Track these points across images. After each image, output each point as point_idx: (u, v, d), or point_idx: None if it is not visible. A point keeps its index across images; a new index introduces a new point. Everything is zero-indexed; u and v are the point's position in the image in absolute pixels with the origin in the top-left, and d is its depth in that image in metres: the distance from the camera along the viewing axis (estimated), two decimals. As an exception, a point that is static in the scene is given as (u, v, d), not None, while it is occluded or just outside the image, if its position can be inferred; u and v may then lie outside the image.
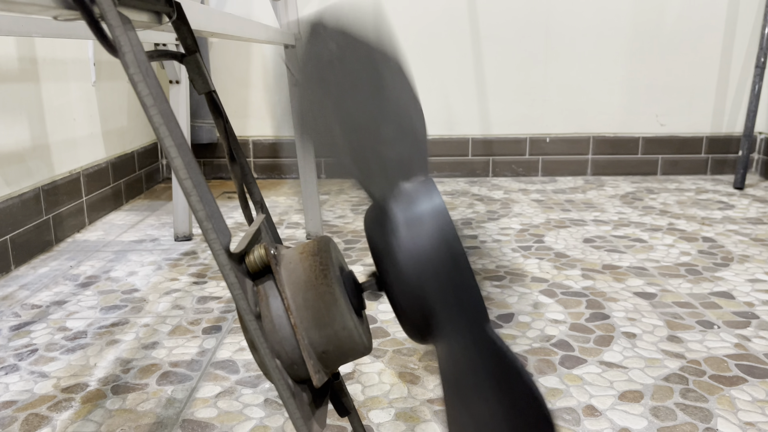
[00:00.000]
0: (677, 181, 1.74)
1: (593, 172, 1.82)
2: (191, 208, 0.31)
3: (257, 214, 0.41)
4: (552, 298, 0.90)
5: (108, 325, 0.83)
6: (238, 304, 0.33)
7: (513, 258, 1.08)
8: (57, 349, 0.76)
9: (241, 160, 0.40)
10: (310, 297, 0.35)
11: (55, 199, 1.18)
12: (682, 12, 1.73)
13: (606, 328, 0.80)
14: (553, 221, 1.32)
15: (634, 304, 0.88)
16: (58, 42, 1.23)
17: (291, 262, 0.37)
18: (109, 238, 1.22)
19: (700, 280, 0.97)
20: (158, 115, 0.30)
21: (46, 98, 1.18)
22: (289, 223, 1.32)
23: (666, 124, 1.81)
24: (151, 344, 0.77)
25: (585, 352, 0.74)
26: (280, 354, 0.35)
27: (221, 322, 0.83)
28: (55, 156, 1.20)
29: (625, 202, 1.49)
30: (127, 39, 0.29)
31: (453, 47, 1.75)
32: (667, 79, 1.78)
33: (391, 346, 0.76)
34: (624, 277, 0.98)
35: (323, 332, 0.35)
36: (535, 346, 0.75)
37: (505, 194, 1.59)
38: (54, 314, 0.86)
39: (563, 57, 1.76)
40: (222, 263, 0.32)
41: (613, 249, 1.13)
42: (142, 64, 0.30)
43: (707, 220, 1.32)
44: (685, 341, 0.76)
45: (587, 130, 1.81)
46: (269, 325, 0.35)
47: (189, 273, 1.02)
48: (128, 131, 1.56)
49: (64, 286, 0.97)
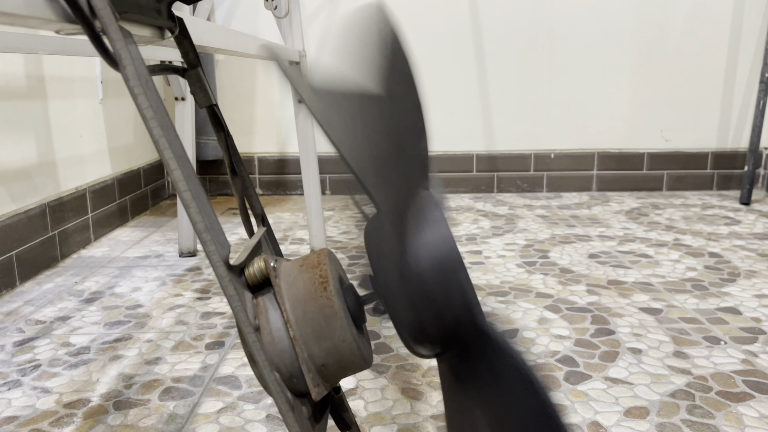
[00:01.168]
0: (683, 197, 1.73)
1: (598, 187, 1.82)
2: (190, 220, 0.31)
3: (258, 228, 0.41)
4: (557, 314, 0.89)
5: (111, 341, 0.83)
6: (237, 316, 0.33)
7: (518, 273, 1.08)
8: (60, 364, 0.76)
9: (242, 173, 0.40)
10: (310, 310, 0.35)
11: (61, 215, 1.19)
12: (685, 27, 1.74)
13: (611, 343, 0.80)
14: (558, 237, 1.32)
15: (640, 320, 0.87)
16: (66, 60, 1.25)
17: (291, 275, 0.36)
18: (114, 254, 1.22)
19: (706, 296, 0.96)
20: (158, 127, 0.30)
21: (53, 115, 1.19)
22: (294, 239, 1.32)
23: (671, 140, 1.80)
24: (154, 360, 0.77)
25: (590, 367, 0.73)
26: (279, 367, 0.35)
27: (224, 338, 0.83)
28: (61, 172, 1.21)
29: (630, 218, 1.48)
30: (128, 52, 0.29)
31: (457, 64, 1.76)
32: (671, 95, 1.78)
33: (395, 361, 0.75)
34: (629, 293, 0.98)
35: (322, 345, 0.35)
36: (540, 362, 0.75)
37: (509, 210, 1.59)
38: (58, 330, 0.86)
39: (567, 73, 1.77)
40: (221, 275, 0.32)
41: (618, 264, 1.12)
42: (143, 77, 0.30)
43: (713, 235, 1.31)
44: (692, 357, 0.75)
45: (592, 145, 1.81)
46: (268, 337, 0.35)
47: (193, 289, 1.02)
48: (134, 148, 1.58)
49: (69, 302, 0.97)
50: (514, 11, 1.73)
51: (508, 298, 0.96)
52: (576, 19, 1.73)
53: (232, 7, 1.74)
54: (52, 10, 0.27)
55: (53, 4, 0.27)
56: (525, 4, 1.73)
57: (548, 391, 0.36)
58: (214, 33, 0.59)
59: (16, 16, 0.24)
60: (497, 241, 1.29)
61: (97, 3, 0.28)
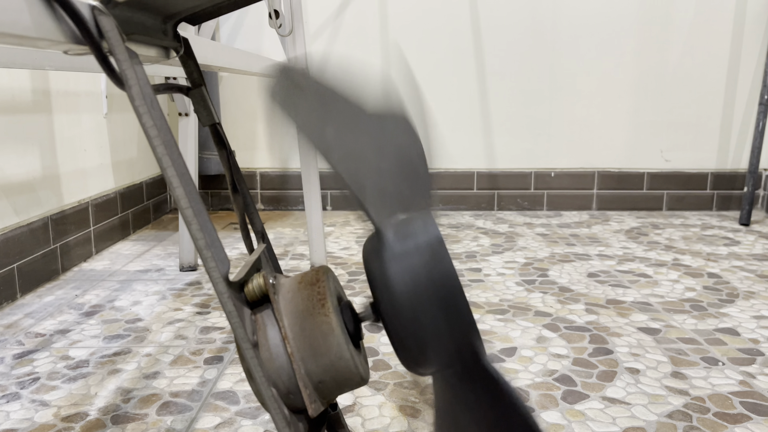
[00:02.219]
0: (683, 217, 1.74)
1: (598, 206, 1.83)
2: (191, 237, 0.31)
3: (258, 244, 0.42)
4: (555, 333, 0.90)
5: (110, 355, 0.83)
6: (235, 332, 0.33)
7: (517, 292, 1.08)
8: (59, 377, 0.76)
9: (243, 190, 0.41)
10: (307, 326, 0.36)
11: (63, 228, 1.20)
12: (685, 47, 1.75)
13: (609, 363, 0.80)
14: (558, 255, 1.32)
15: (638, 340, 0.87)
16: (72, 75, 1.26)
17: (289, 292, 0.37)
18: (115, 268, 1.23)
19: (705, 316, 0.96)
20: (161, 145, 0.30)
21: (57, 129, 1.20)
22: (294, 255, 1.33)
23: (671, 160, 1.81)
24: (153, 374, 0.77)
25: (587, 387, 0.73)
26: (276, 383, 0.35)
27: (223, 353, 0.83)
28: (64, 186, 1.22)
29: (630, 237, 1.49)
30: (134, 73, 0.30)
31: (459, 82, 1.77)
32: (671, 115, 1.79)
33: (393, 378, 0.75)
34: (628, 312, 0.98)
35: (320, 362, 0.36)
36: (537, 381, 0.75)
37: (509, 228, 1.59)
38: (57, 343, 0.87)
39: (568, 93, 1.78)
40: (220, 291, 0.32)
41: (617, 284, 1.12)
42: (147, 96, 0.31)
43: (713, 256, 1.32)
44: (690, 378, 0.76)
45: (592, 165, 1.81)
46: (266, 354, 0.35)
47: (193, 303, 1.03)
48: (137, 162, 1.59)
49: (69, 315, 0.97)
50: (516, 31, 1.75)
51: (507, 317, 0.96)
52: (577, 40, 1.75)
53: (236, 25, 1.76)
54: (61, 31, 0.27)
55: (62, 26, 0.28)
56: (527, 24, 1.74)
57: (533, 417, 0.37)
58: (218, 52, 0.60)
59: (26, 38, 0.25)
60: (497, 258, 1.29)
61: (105, 25, 0.29)
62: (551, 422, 0.65)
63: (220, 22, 1.75)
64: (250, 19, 1.76)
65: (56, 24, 0.27)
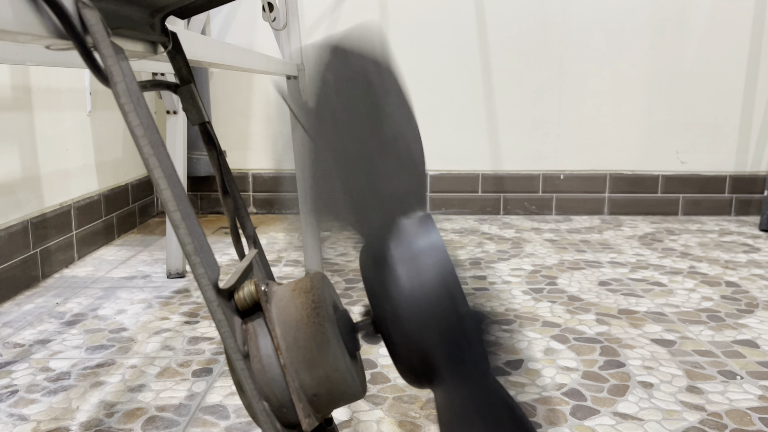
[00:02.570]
0: (699, 222, 1.74)
1: (610, 211, 1.83)
2: (179, 242, 0.32)
3: (249, 250, 0.42)
4: (564, 344, 0.90)
5: (93, 366, 0.83)
6: (225, 342, 0.33)
7: (523, 301, 1.08)
8: (38, 390, 0.76)
9: (234, 193, 0.41)
10: (301, 336, 0.36)
11: (44, 232, 1.20)
12: (702, 43, 1.76)
13: (621, 376, 0.80)
14: (567, 262, 1.32)
15: (652, 352, 0.87)
16: (54, 70, 1.26)
17: (282, 300, 0.37)
18: (98, 274, 1.23)
19: (722, 327, 0.96)
20: (148, 145, 0.31)
21: (39, 128, 1.20)
22: (288, 261, 1.33)
23: (687, 162, 1.82)
24: (138, 387, 0.77)
25: (598, 402, 0.73)
26: (268, 396, 0.35)
27: (212, 365, 0.83)
28: (45, 187, 1.22)
29: (643, 244, 1.49)
30: (119, 69, 0.30)
31: (463, 79, 1.78)
32: (687, 115, 1.80)
33: (392, 392, 0.75)
34: (641, 323, 0.98)
35: (314, 374, 0.36)
36: (545, 395, 0.75)
37: (516, 233, 1.59)
38: (37, 354, 0.87)
39: (578, 90, 1.78)
40: (209, 299, 0.32)
41: (630, 293, 1.12)
42: (134, 94, 0.31)
43: (731, 263, 1.32)
44: (706, 392, 0.76)
45: (604, 166, 1.82)
46: (258, 365, 0.35)
47: (180, 312, 1.03)
48: (123, 163, 1.59)
49: (49, 324, 0.97)
50: (523, 25, 1.75)
51: (513, 327, 0.96)
52: (588, 35, 1.75)
53: (228, 18, 1.77)
54: (43, 25, 0.28)
55: (44, 20, 0.28)
56: (534, 18, 1.75)
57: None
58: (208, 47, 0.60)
59: (6, 32, 0.25)
60: (503, 266, 1.30)
61: (89, 19, 0.29)
62: (559, 439, 0.65)
63: (211, 15, 1.76)
64: (242, 13, 1.76)
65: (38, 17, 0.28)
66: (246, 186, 1.83)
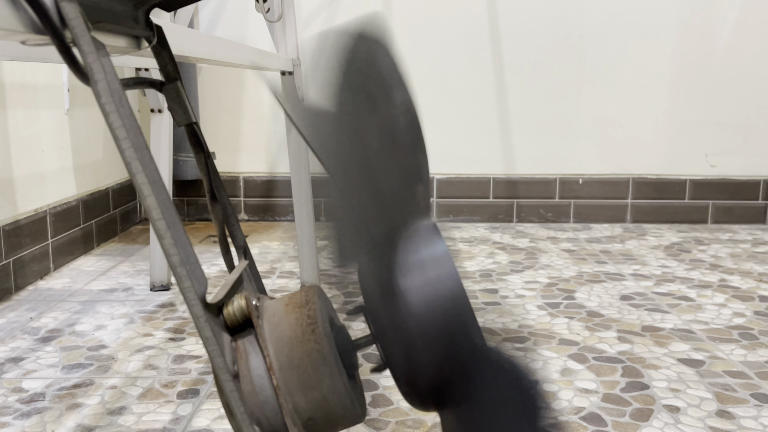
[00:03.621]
0: (731, 231, 1.74)
1: (633, 219, 1.83)
2: (164, 252, 0.32)
3: (240, 261, 0.42)
4: (583, 364, 0.90)
5: (69, 387, 0.83)
6: (213, 361, 0.33)
7: (538, 317, 1.08)
8: (10, 413, 0.76)
9: (223, 199, 0.42)
10: (296, 355, 0.36)
11: (17, 240, 1.20)
12: (734, 39, 1.76)
13: (645, 400, 0.80)
14: (586, 275, 1.32)
15: (678, 373, 0.87)
16: (29, 65, 1.27)
17: (275, 315, 0.37)
18: (76, 287, 1.23)
19: (756, 346, 0.96)
20: (131, 148, 0.31)
21: (12, 127, 1.21)
22: (282, 272, 1.33)
23: (717, 165, 1.82)
24: (118, 409, 0.77)
25: (619, 427, 0.73)
26: (260, 420, 0.36)
27: (199, 385, 0.83)
28: (19, 192, 1.23)
29: (669, 254, 1.49)
30: (100, 66, 0.31)
31: (473, 75, 1.78)
32: (718, 114, 1.80)
33: (394, 416, 0.76)
34: (667, 341, 0.98)
35: (310, 396, 0.36)
36: (562, 420, 0.75)
37: (531, 242, 1.60)
38: (8, 373, 0.87)
39: (598, 87, 1.79)
40: (196, 315, 0.33)
41: (654, 308, 1.12)
42: (116, 93, 0.31)
43: (766, 276, 1.32)
44: (737, 417, 0.76)
45: (626, 170, 1.82)
46: (248, 386, 0.36)
47: (165, 328, 1.03)
48: (103, 166, 1.60)
49: (22, 341, 0.98)
50: (538, 16, 1.76)
51: (527, 345, 0.96)
52: (609, 27, 1.76)
53: (218, 9, 1.78)
54: (18, 19, 0.28)
55: (20, 14, 0.28)
56: (550, 9, 1.76)
57: None
58: (196, 41, 0.61)
59: (-21, 27, 0.26)
60: (516, 278, 1.30)
61: (68, 12, 0.29)
62: (577, 468, 0.66)
63: (199, 6, 1.77)
64: (233, 3, 1.78)
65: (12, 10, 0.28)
66: (237, 191, 1.84)
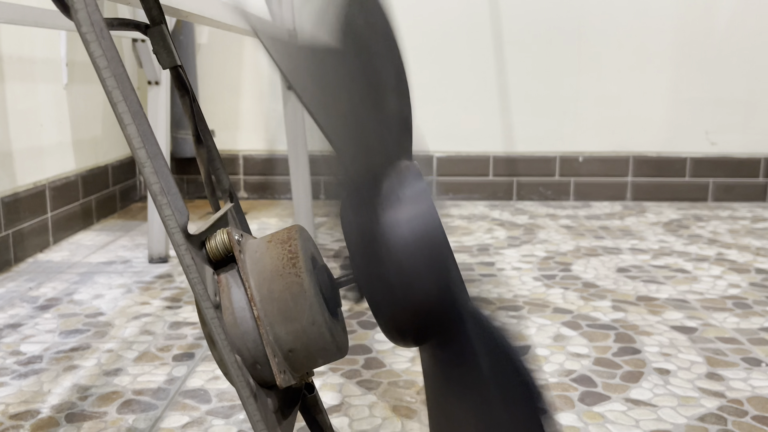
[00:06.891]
0: (731, 208, 1.74)
1: (633, 196, 1.84)
2: (145, 182, 0.33)
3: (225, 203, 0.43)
4: (576, 331, 0.91)
5: (66, 350, 0.84)
6: (194, 290, 0.34)
7: (534, 287, 1.09)
8: (8, 374, 0.78)
9: (208, 142, 0.43)
10: (277, 288, 0.37)
11: (17, 214, 1.21)
12: (735, 14, 1.76)
13: (635, 363, 0.81)
14: (584, 249, 1.33)
15: (671, 339, 0.88)
16: (27, 38, 1.28)
17: (257, 251, 0.38)
18: (75, 259, 1.25)
19: (749, 314, 0.97)
20: (111, 77, 0.32)
21: (10, 100, 1.22)
22: (280, 247, 1.34)
23: (718, 143, 1.82)
24: (114, 371, 0.79)
25: (609, 388, 0.74)
26: (241, 350, 0.37)
27: (195, 349, 0.85)
28: (18, 165, 1.24)
29: (668, 230, 1.50)
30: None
31: (472, 52, 1.79)
32: (718, 91, 1.80)
33: (387, 377, 0.77)
34: (661, 310, 0.99)
35: (290, 327, 0.37)
36: (552, 381, 0.76)
37: (530, 219, 1.60)
38: (7, 338, 0.88)
39: (599, 64, 1.79)
40: (177, 242, 0.34)
41: (650, 279, 1.13)
42: (97, 24, 0.32)
43: (763, 250, 1.32)
44: (727, 379, 0.76)
45: (626, 148, 1.82)
46: (230, 317, 0.37)
47: (162, 297, 1.04)
48: (102, 141, 1.60)
49: (21, 309, 0.99)
50: (538, -6, 1.76)
51: (521, 313, 0.97)
52: (609, 5, 1.76)
53: (217, -16, 1.78)
54: (-1, -55, 0.29)
55: (1, -60, 0.29)
56: (551, -14, 1.75)
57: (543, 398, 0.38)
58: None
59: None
60: (513, 252, 1.31)
61: (48, -60, 0.30)
62: (566, 425, 0.66)
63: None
64: (232, -21, 1.78)
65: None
66: (236, 168, 1.85)
